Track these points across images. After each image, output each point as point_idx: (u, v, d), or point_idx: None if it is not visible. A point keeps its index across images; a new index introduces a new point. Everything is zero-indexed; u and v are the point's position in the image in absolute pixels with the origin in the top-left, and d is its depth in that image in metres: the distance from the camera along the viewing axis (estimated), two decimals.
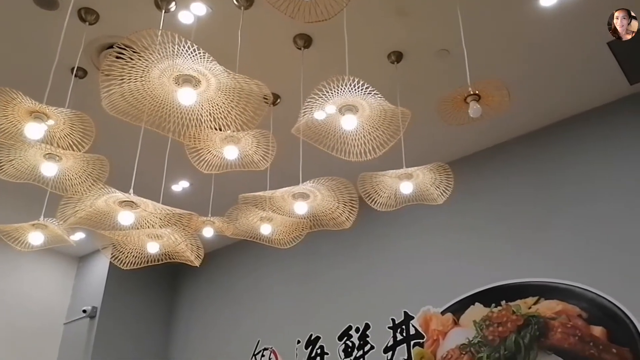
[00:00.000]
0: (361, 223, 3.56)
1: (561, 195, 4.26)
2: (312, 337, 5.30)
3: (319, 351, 5.20)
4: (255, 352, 5.71)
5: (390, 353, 4.71)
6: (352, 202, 3.23)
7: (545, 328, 3.92)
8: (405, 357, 4.59)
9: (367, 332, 4.93)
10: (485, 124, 3.97)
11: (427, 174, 3.20)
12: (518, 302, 4.12)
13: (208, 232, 3.77)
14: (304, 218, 3.38)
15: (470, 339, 4.25)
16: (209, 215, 3.81)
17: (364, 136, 2.80)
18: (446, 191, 3.28)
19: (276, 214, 3.34)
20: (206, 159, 3.14)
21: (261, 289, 6.06)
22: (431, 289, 4.66)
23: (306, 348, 5.30)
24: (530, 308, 4.05)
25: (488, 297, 4.29)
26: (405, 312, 4.74)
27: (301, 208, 3.20)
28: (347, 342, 5.03)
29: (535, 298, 4.05)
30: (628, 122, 4.13)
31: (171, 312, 6.95)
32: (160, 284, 6.93)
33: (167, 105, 2.47)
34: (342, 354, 5.02)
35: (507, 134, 4.69)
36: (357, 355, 4.91)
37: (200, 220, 3.68)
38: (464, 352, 4.25)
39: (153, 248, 3.28)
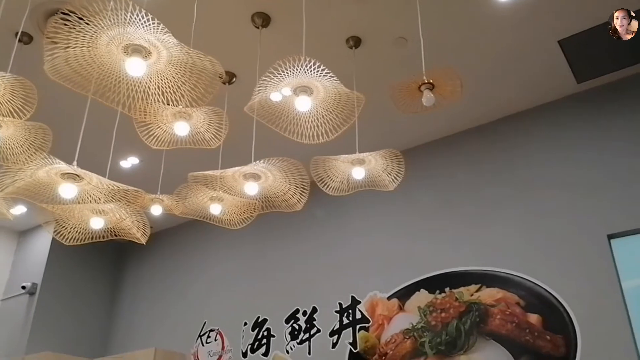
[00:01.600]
0: (311, 206, 3.56)
1: (505, 188, 4.39)
2: (259, 320, 5.29)
3: (265, 333, 5.21)
4: (201, 333, 5.67)
5: (336, 336, 4.76)
6: (304, 184, 3.22)
7: (485, 315, 4.05)
8: (351, 341, 4.66)
9: (314, 316, 4.97)
10: (438, 115, 4.04)
11: (379, 160, 3.21)
12: (461, 289, 4.24)
13: (156, 210, 3.68)
14: (255, 199, 3.35)
15: (414, 324, 4.35)
16: (158, 192, 3.73)
17: (318, 119, 2.79)
18: (397, 178, 3.31)
19: (227, 194, 3.29)
20: (156, 134, 3.05)
21: (209, 269, 6.00)
22: (378, 275, 4.73)
23: (253, 330, 5.30)
24: (472, 295, 4.17)
25: (433, 283, 4.40)
26: (352, 297, 4.80)
27: (252, 189, 3.16)
28: (294, 324, 5.06)
29: (478, 286, 4.18)
30: (574, 120, 4.28)
31: (115, 291, 6.80)
32: (104, 261, 6.76)
33: (114, 75, 2.38)
34: (289, 337, 5.05)
35: (458, 126, 4.79)
36: (303, 338, 4.95)
37: (148, 198, 3.59)
38: (407, 337, 4.35)
39: (97, 224, 3.18)
